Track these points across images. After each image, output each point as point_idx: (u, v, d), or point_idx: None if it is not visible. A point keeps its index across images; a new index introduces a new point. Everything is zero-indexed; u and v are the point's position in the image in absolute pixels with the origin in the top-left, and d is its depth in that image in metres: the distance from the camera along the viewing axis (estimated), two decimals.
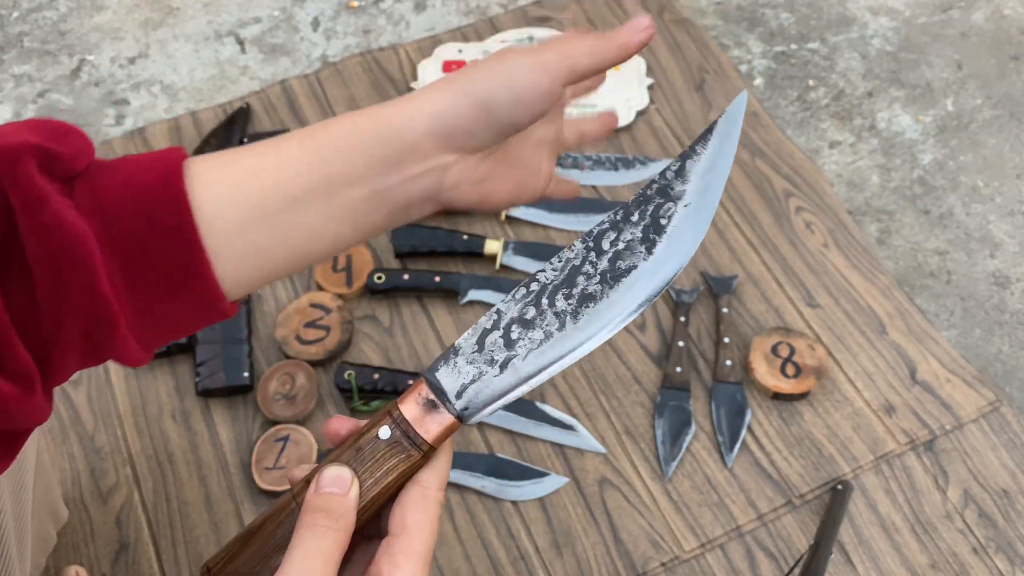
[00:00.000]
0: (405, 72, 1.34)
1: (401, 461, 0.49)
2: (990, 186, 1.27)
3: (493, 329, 0.49)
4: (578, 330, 0.48)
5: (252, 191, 0.49)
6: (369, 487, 0.48)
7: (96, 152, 0.51)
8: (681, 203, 0.48)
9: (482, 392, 0.48)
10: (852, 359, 1.10)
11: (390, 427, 0.49)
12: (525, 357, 0.48)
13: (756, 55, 1.39)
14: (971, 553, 0.99)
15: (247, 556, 0.49)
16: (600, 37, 0.54)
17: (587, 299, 0.48)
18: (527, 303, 0.49)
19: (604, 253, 0.49)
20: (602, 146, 1.27)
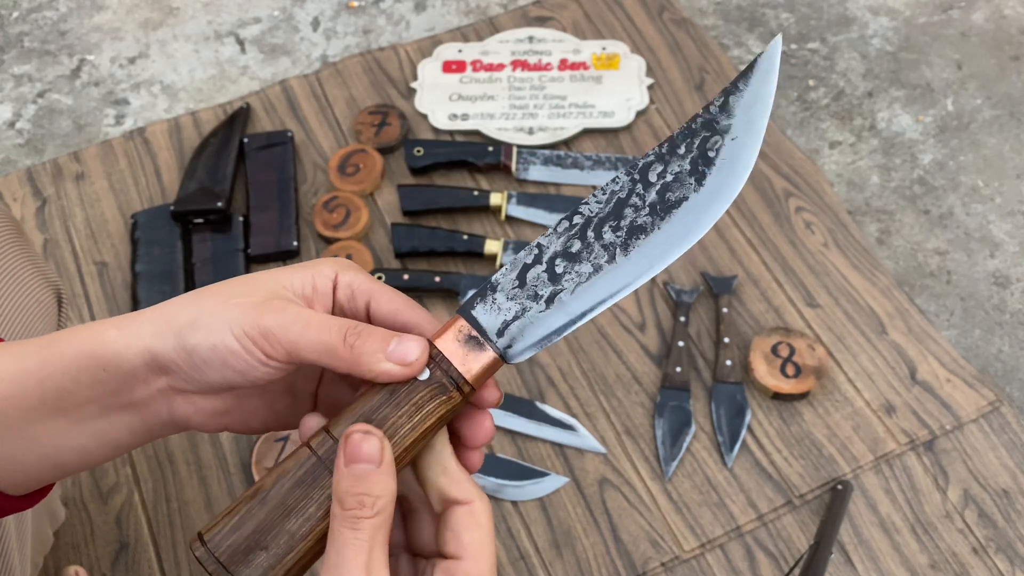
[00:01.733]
0: (405, 72, 1.34)
1: (441, 404, 0.45)
2: (990, 186, 1.27)
3: (535, 264, 0.47)
4: (629, 262, 0.47)
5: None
6: (406, 434, 0.44)
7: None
8: (728, 136, 0.47)
9: (527, 329, 0.47)
10: (852, 359, 1.10)
11: (429, 367, 0.45)
12: (573, 291, 0.47)
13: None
14: (971, 553, 0.99)
15: (256, 523, 0.44)
16: (346, 344, 0.45)
17: (637, 231, 0.47)
18: (571, 236, 0.47)
19: (652, 185, 0.47)
20: (602, 146, 1.27)
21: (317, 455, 0.44)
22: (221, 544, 0.43)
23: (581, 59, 1.33)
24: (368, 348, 0.45)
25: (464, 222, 1.20)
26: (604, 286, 0.47)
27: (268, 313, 0.45)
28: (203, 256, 1.16)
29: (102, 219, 1.22)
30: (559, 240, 0.47)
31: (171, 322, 0.46)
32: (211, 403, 0.48)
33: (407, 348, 0.45)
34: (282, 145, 1.25)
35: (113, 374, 0.47)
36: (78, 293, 1.16)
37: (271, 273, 0.48)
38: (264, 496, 0.44)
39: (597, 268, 0.47)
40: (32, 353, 0.48)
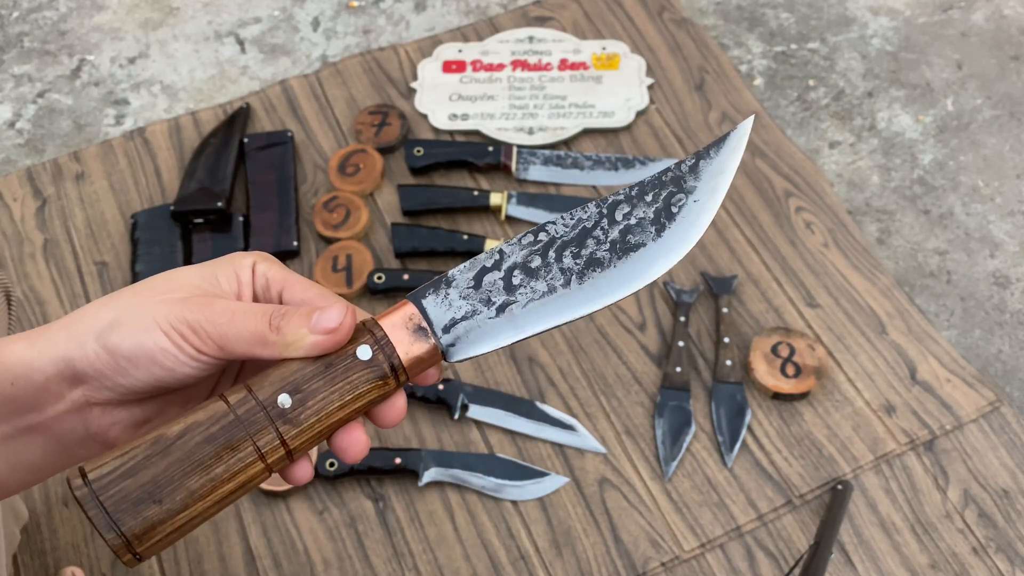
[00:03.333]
0: (405, 72, 1.34)
1: (375, 387, 0.44)
2: (990, 186, 1.27)
3: (493, 269, 0.48)
4: (582, 291, 0.48)
5: None
6: (333, 411, 0.44)
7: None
8: (692, 197, 0.49)
9: (472, 331, 0.47)
10: (852, 359, 1.10)
11: (371, 347, 0.44)
12: (525, 305, 0.48)
13: (756, 55, 1.39)
14: (971, 553, 0.99)
15: (154, 473, 0.41)
16: (272, 328, 0.44)
17: (595, 263, 0.49)
18: (533, 251, 0.49)
19: (616, 223, 0.49)
20: (602, 146, 1.27)
21: (236, 414, 0.42)
22: (109, 488, 0.40)
23: (581, 59, 1.33)
24: (293, 326, 0.44)
25: (464, 222, 1.20)
26: (554, 308, 0.48)
27: (194, 307, 0.44)
28: (203, 256, 1.16)
29: (102, 219, 1.22)
30: (521, 252, 0.49)
31: (89, 326, 0.44)
32: (130, 413, 0.47)
33: (328, 315, 0.44)
34: (282, 145, 1.25)
35: (23, 387, 0.45)
36: (78, 293, 1.16)
37: (193, 269, 0.47)
38: (167, 446, 0.41)
39: (551, 289, 0.48)
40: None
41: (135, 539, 0.41)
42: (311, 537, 1.00)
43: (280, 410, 0.43)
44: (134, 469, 0.41)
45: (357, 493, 1.02)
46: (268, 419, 0.43)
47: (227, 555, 0.99)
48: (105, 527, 0.40)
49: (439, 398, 1.05)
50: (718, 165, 0.50)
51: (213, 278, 0.47)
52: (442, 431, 1.06)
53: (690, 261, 1.17)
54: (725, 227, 1.19)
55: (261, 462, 0.43)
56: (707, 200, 0.49)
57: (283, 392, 0.43)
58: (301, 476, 0.46)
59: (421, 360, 0.46)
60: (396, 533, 1.00)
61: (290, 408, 0.43)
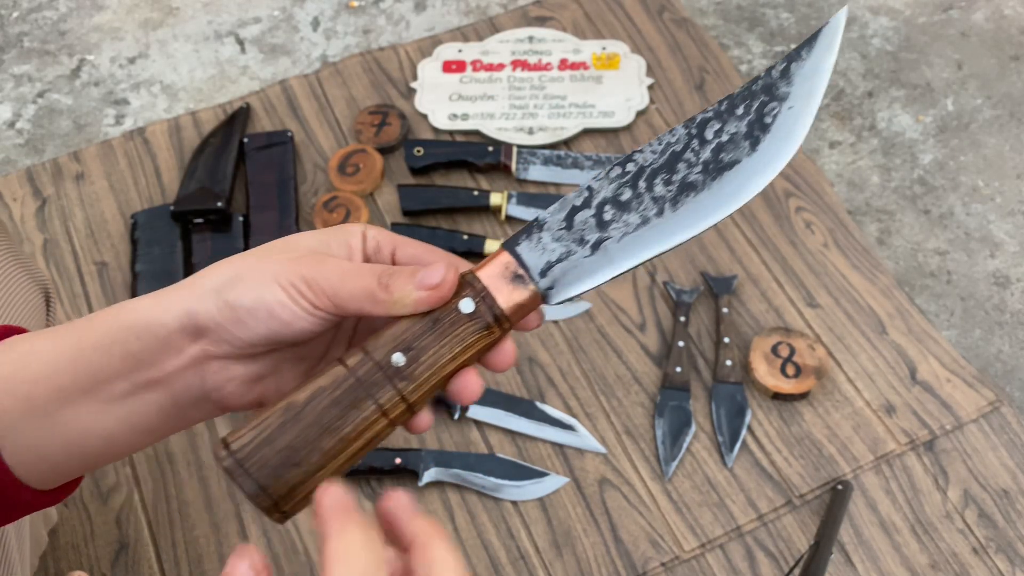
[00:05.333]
0: (405, 72, 1.34)
1: (482, 337, 0.46)
2: (990, 186, 1.27)
3: (583, 207, 0.47)
4: (677, 218, 0.47)
5: (21, 381, 0.47)
6: (445, 364, 0.45)
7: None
8: (786, 104, 0.47)
9: (569, 272, 0.47)
10: (852, 359, 1.10)
11: (473, 300, 0.46)
12: (619, 240, 0.47)
13: (756, 55, 1.39)
14: (971, 553, 0.99)
15: (289, 438, 0.44)
16: (381, 285, 0.46)
17: (688, 188, 0.47)
18: (623, 184, 0.47)
19: (707, 143, 0.47)
20: (602, 146, 1.27)
21: (356, 376, 0.45)
22: (251, 457, 0.44)
23: (581, 59, 1.33)
24: (400, 284, 0.46)
25: (464, 222, 1.20)
26: (650, 239, 0.47)
27: (310, 265, 0.46)
28: (203, 256, 1.16)
29: (102, 219, 1.22)
30: (610, 186, 0.48)
31: (211, 283, 0.47)
32: (247, 368, 0.49)
33: (431, 273, 0.45)
34: (282, 145, 1.25)
35: (147, 342, 0.47)
36: (78, 293, 1.16)
37: (308, 234, 0.49)
38: (297, 412, 0.44)
39: (645, 220, 0.47)
40: (67, 331, 0.48)
41: (281, 499, 0.44)
42: (311, 537, 1.00)
43: (396, 368, 0.45)
44: (271, 437, 0.44)
45: (357, 493, 1.02)
46: (386, 378, 0.45)
47: (227, 555, 0.99)
48: (253, 492, 0.44)
49: (439, 398, 1.05)
50: (812, 66, 0.47)
51: (326, 243, 0.48)
52: (442, 431, 1.06)
53: (690, 261, 1.17)
54: (725, 227, 1.19)
55: (384, 418, 0.45)
56: (803, 106, 0.47)
57: (396, 351, 0.45)
58: (423, 425, 0.48)
59: (522, 307, 0.47)
60: None
61: (404, 365, 0.45)
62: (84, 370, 0.48)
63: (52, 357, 0.48)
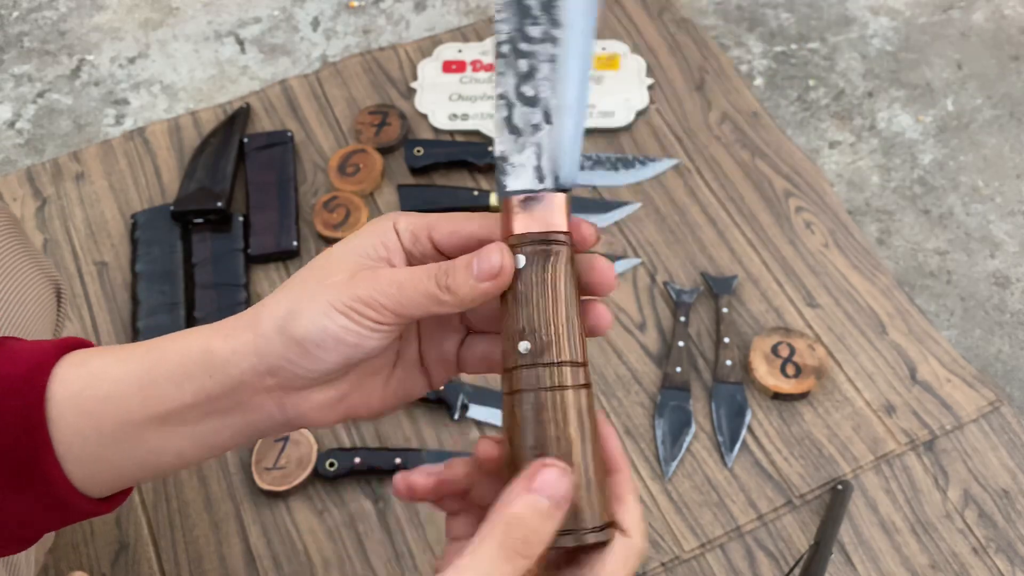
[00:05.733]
0: (405, 72, 1.34)
1: (558, 261, 0.46)
2: (990, 186, 1.27)
3: (511, 108, 0.48)
4: (570, 30, 0.48)
5: (90, 398, 0.48)
6: (559, 313, 0.46)
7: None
8: None
9: (554, 153, 0.48)
10: (852, 359, 1.10)
11: (523, 253, 0.46)
12: (555, 91, 0.47)
13: (756, 55, 1.39)
14: (971, 553, 0.99)
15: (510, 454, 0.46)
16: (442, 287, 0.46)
17: (554, 22, 0.48)
18: (513, 61, 0.48)
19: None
20: (602, 146, 1.27)
21: (524, 387, 0.45)
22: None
23: None
24: (460, 279, 0.45)
25: None
26: (570, 68, 0.47)
27: (363, 284, 0.46)
28: (203, 256, 1.16)
29: (102, 219, 1.22)
30: (510, 74, 0.48)
31: (271, 321, 0.47)
32: (326, 394, 0.49)
33: (487, 258, 0.45)
34: (282, 145, 1.25)
35: (220, 381, 0.47)
36: (78, 293, 1.16)
37: (342, 248, 0.48)
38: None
39: (551, 58, 0.48)
40: (135, 357, 0.48)
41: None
42: (311, 537, 1.00)
43: (531, 352, 0.45)
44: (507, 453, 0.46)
45: (357, 493, 1.02)
46: (536, 366, 0.45)
47: (227, 555, 0.99)
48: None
49: (439, 398, 1.05)
50: None
51: (364, 253, 0.48)
52: (442, 431, 1.06)
53: (690, 261, 1.17)
54: (725, 227, 1.19)
55: (572, 390, 0.46)
56: None
57: (524, 342, 0.45)
58: (604, 325, 0.50)
59: (557, 214, 0.46)
60: (396, 533, 1.00)
61: (527, 353, 0.45)
62: (155, 399, 0.48)
63: (122, 382, 0.48)
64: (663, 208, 1.21)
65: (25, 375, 0.48)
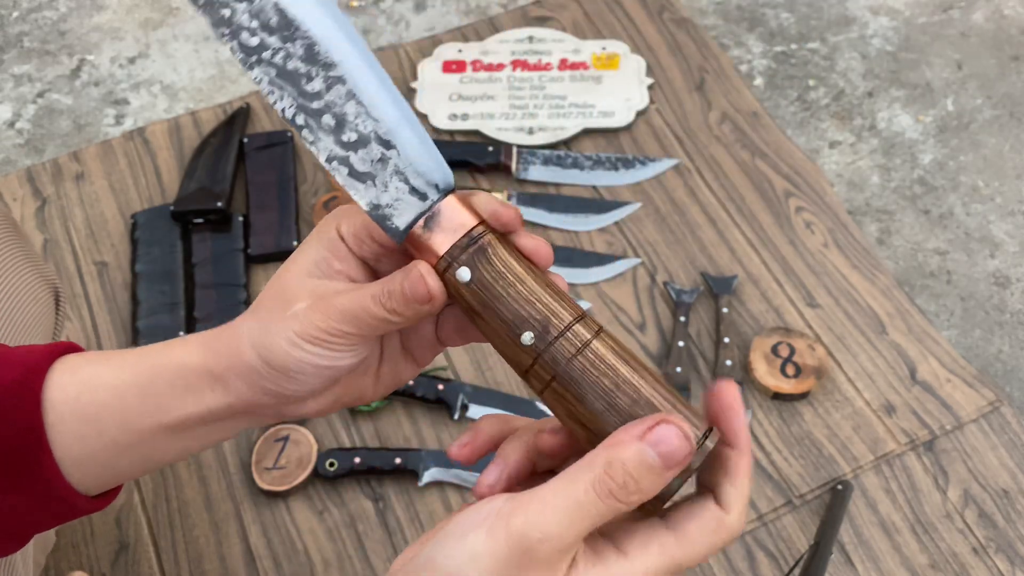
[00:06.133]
0: (405, 72, 1.34)
1: (495, 250, 0.45)
2: (990, 186, 1.27)
3: (347, 163, 0.46)
4: (345, 63, 0.46)
5: (88, 403, 0.49)
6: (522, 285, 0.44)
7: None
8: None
9: (416, 167, 0.46)
10: (852, 359, 1.10)
11: (461, 266, 0.44)
12: (373, 117, 0.46)
13: (756, 55, 1.39)
14: (971, 553, 0.99)
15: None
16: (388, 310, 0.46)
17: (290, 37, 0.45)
18: (314, 129, 0.46)
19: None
20: (602, 146, 1.27)
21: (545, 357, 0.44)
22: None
23: (581, 59, 1.33)
24: (401, 304, 0.45)
25: None
26: (368, 85, 0.46)
27: (320, 314, 0.46)
28: (203, 256, 1.16)
29: (102, 219, 1.22)
30: (322, 137, 0.46)
31: (252, 351, 0.47)
32: (320, 401, 0.50)
33: (414, 288, 0.45)
34: (282, 145, 1.25)
35: (221, 396, 0.49)
36: (78, 293, 1.16)
37: (295, 269, 0.48)
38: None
39: (348, 95, 0.46)
40: (130, 365, 0.49)
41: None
42: (311, 537, 1.00)
43: (533, 342, 0.44)
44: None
45: (357, 493, 1.02)
46: (548, 344, 0.44)
47: (227, 555, 0.99)
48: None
49: (439, 398, 1.05)
50: None
51: (316, 271, 0.48)
52: (442, 431, 1.06)
53: (690, 261, 1.17)
54: (725, 227, 1.19)
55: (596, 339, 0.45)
56: None
57: (526, 333, 0.44)
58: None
59: (459, 211, 0.45)
60: (396, 533, 1.00)
61: (534, 337, 0.44)
62: (160, 409, 0.49)
63: (122, 391, 0.49)
64: (663, 208, 1.21)
65: (19, 379, 0.49)
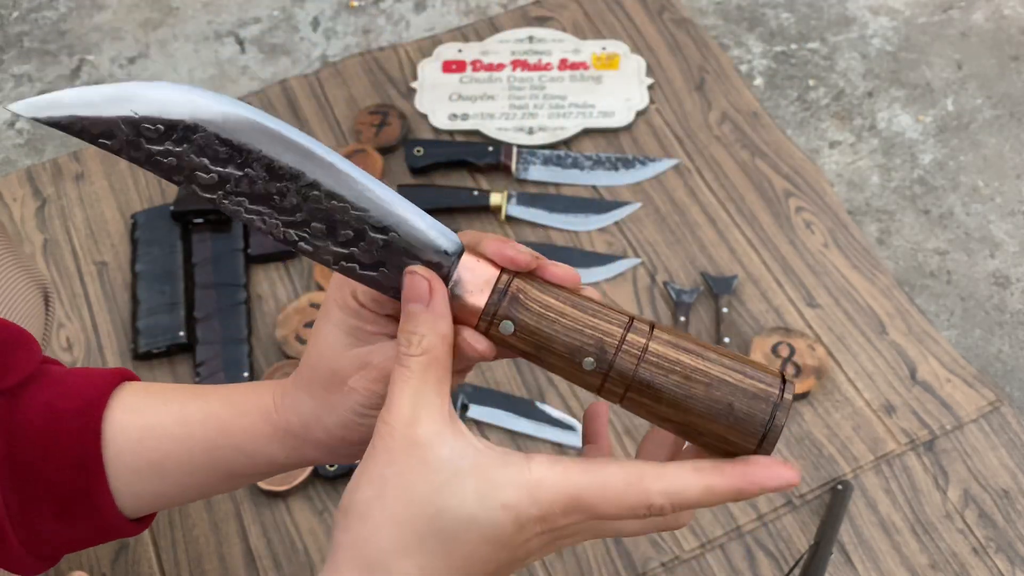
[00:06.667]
0: (405, 72, 1.34)
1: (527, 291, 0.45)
2: (990, 186, 1.27)
3: (353, 259, 0.45)
4: (317, 166, 0.45)
5: (152, 452, 0.50)
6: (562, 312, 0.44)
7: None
8: None
9: (421, 240, 0.46)
10: (852, 359, 1.10)
11: (503, 319, 0.45)
12: (362, 208, 0.45)
13: (756, 55, 1.39)
14: (971, 553, 0.99)
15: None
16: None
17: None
18: (310, 240, 0.45)
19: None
20: (602, 146, 1.27)
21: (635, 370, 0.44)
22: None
23: (581, 59, 1.33)
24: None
25: (464, 222, 1.20)
26: (345, 176, 0.45)
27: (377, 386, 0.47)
28: (203, 256, 1.16)
29: (102, 219, 1.22)
30: (321, 244, 0.45)
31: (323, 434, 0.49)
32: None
33: (464, 347, 0.45)
34: None
35: (292, 457, 0.50)
36: (78, 293, 1.16)
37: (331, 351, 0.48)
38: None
39: (329, 196, 0.45)
40: (196, 420, 0.51)
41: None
42: (311, 537, 1.00)
43: (595, 366, 0.44)
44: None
45: None
46: (612, 361, 0.44)
47: (227, 555, 0.99)
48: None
49: None
50: None
51: (355, 341, 0.48)
52: None
53: (690, 261, 1.17)
54: (725, 227, 1.19)
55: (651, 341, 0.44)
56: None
57: (585, 359, 0.44)
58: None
59: (483, 269, 0.46)
60: None
61: (596, 361, 0.44)
62: (223, 466, 0.50)
63: (187, 445, 0.50)
64: (663, 208, 1.21)
65: (80, 412, 0.50)
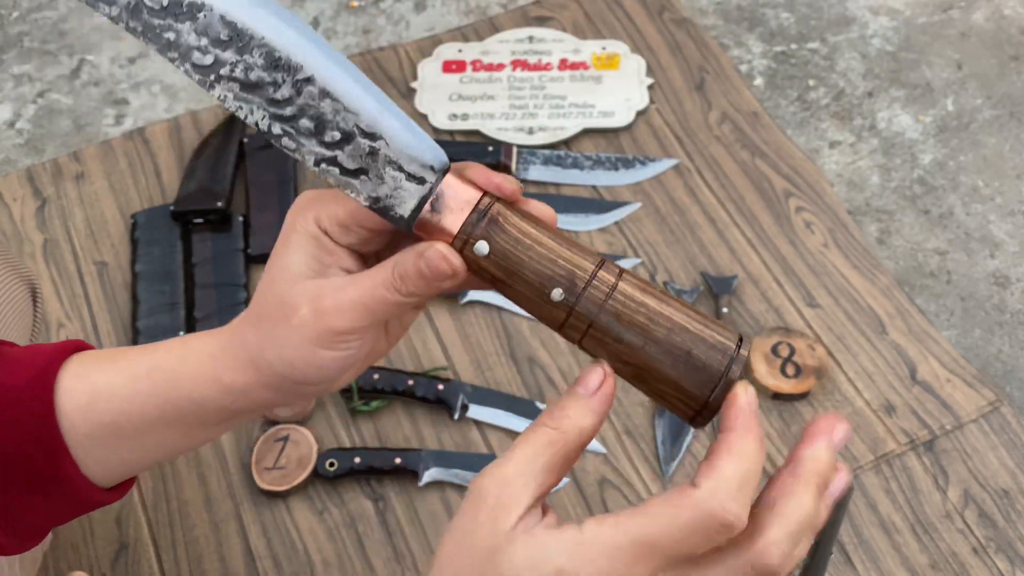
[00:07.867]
0: (405, 72, 1.34)
1: (506, 217, 0.44)
2: (990, 186, 1.27)
3: (336, 162, 0.45)
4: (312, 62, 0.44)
5: (104, 413, 0.50)
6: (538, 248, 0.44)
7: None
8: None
9: (408, 152, 0.44)
10: (852, 359, 1.10)
11: (478, 239, 0.44)
12: (353, 111, 0.44)
13: (756, 55, 1.39)
14: (971, 553, 0.99)
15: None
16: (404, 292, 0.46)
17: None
18: (295, 136, 0.44)
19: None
20: (602, 146, 1.27)
21: (600, 308, 0.45)
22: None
23: (581, 59, 1.33)
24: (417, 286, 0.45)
25: None
26: (339, 79, 0.44)
27: (331, 318, 0.46)
28: (203, 256, 1.16)
29: (102, 219, 1.22)
30: (305, 142, 0.45)
31: (270, 368, 0.48)
32: (339, 383, 0.51)
33: (436, 268, 0.44)
34: None
35: (241, 405, 0.50)
36: (78, 293, 1.16)
37: (284, 275, 0.48)
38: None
39: (322, 94, 0.44)
40: (143, 375, 0.50)
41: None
42: (311, 537, 1.00)
43: (563, 297, 0.45)
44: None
45: (357, 493, 1.02)
46: (578, 295, 0.45)
47: (227, 555, 0.99)
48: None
49: (439, 398, 1.05)
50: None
51: (307, 271, 0.47)
52: (442, 431, 1.06)
53: (690, 261, 1.17)
54: (725, 227, 1.19)
55: (621, 281, 0.45)
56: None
57: (555, 290, 0.45)
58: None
59: (466, 190, 0.45)
60: (396, 533, 1.00)
61: (564, 294, 0.45)
62: (179, 418, 0.50)
63: (138, 402, 0.50)
64: (663, 208, 1.21)
65: (30, 383, 0.49)
